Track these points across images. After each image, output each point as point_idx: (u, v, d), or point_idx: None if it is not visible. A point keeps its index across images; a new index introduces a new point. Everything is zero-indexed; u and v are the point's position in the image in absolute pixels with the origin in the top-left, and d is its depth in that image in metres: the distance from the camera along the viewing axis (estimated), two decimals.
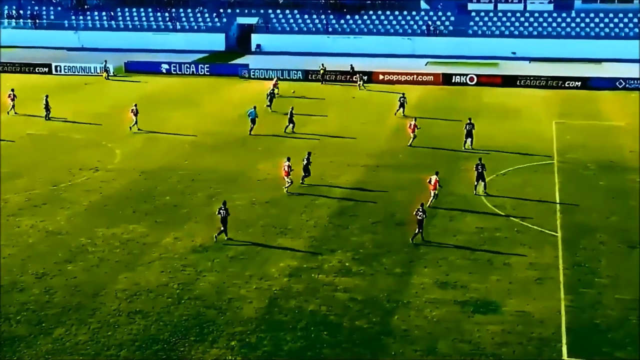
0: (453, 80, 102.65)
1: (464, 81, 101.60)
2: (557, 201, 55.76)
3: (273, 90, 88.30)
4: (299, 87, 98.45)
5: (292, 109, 77.28)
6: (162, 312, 38.63)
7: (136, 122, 74.79)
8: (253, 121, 74.89)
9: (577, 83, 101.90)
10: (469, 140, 68.71)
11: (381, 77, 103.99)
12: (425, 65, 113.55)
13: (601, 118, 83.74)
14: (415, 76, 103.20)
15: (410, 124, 68.44)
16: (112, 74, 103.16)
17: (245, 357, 34.89)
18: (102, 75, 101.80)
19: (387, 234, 49.50)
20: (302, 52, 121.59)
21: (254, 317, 38.28)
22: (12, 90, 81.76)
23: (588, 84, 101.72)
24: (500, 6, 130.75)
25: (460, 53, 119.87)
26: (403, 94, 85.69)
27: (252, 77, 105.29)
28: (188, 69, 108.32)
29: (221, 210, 48.30)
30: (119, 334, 36.40)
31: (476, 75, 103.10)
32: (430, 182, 53.86)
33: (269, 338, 36.49)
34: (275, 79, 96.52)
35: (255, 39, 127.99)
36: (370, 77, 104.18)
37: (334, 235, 49.15)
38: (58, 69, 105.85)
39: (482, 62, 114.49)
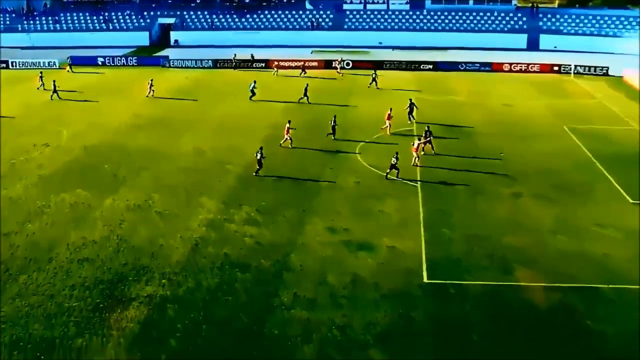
0: (332, 65, 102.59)
1: (343, 66, 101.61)
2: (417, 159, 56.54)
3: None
4: (209, 74, 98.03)
5: (307, 85, 79.54)
6: (106, 259, 38.44)
7: (152, 91, 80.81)
8: (252, 91, 78.97)
9: (429, 66, 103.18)
10: (411, 115, 68.45)
11: (276, 63, 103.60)
12: (311, 53, 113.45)
13: (448, 93, 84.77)
14: (303, 62, 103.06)
15: (388, 113, 65.73)
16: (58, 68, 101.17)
17: (174, 292, 34.97)
18: (64, 69, 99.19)
19: (286, 190, 49.68)
20: (212, 44, 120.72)
21: (180, 261, 38.32)
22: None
23: (438, 66, 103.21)
24: (369, 6, 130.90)
25: (338, 43, 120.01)
26: (375, 70, 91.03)
27: (172, 66, 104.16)
28: (119, 61, 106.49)
29: (257, 154, 52.52)
30: (72, 278, 36.19)
31: (352, 60, 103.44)
32: (413, 144, 54.96)
33: (192, 276, 36.60)
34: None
35: (174, 35, 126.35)
36: (267, 64, 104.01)
37: (242, 192, 49.18)
38: (14, 64, 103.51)
39: (356, 51, 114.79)
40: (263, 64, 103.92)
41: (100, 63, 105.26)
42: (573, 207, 46.93)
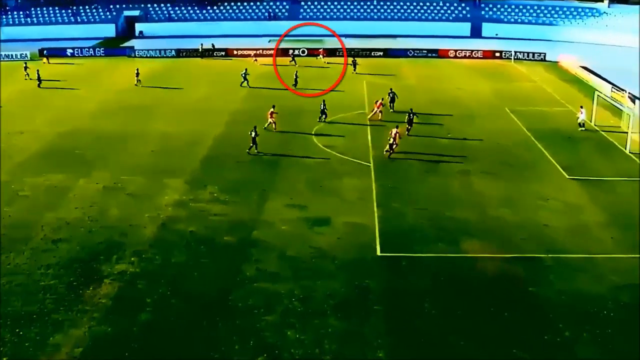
0: (289, 53, 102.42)
1: (298, 53, 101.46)
2: (369, 140, 56.69)
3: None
4: (173, 62, 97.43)
5: (297, 72, 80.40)
6: (79, 239, 38.08)
7: (139, 81, 79.82)
8: (245, 78, 78.74)
9: (380, 53, 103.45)
10: (392, 104, 66.79)
11: (235, 52, 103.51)
12: (268, 42, 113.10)
13: (399, 78, 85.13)
14: (261, 51, 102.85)
15: (377, 101, 64.83)
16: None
17: (143, 269, 34.78)
18: (36, 60, 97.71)
19: (248, 171, 49.60)
20: (175, 35, 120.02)
21: (149, 239, 38.08)
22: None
23: (388, 53, 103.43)
24: None
25: (294, 33, 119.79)
26: (354, 57, 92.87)
27: (137, 56, 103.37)
28: (87, 52, 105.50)
29: (251, 132, 52.71)
30: (47, 257, 35.80)
31: (307, 48, 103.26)
32: (391, 133, 53.66)
33: (160, 254, 36.40)
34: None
35: (139, 26, 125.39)
36: (227, 52, 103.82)
37: (206, 173, 49.03)
38: None
39: (310, 39, 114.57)
40: (223, 53, 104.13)
41: (69, 54, 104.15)
42: (515, 182, 47.44)
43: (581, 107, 61.94)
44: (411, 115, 58.97)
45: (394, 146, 52.32)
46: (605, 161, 52.32)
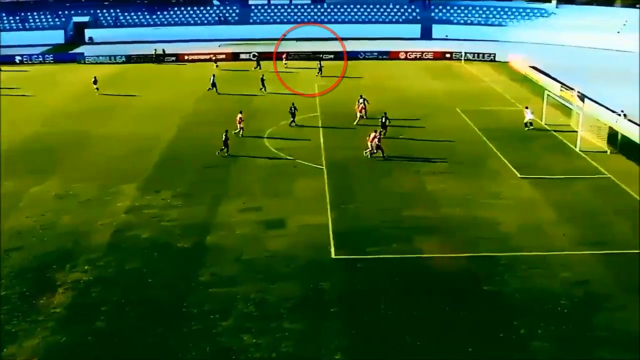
0: (240, 57, 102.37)
1: (249, 57, 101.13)
2: (322, 143, 56.74)
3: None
4: (124, 68, 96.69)
5: (263, 75, 79.91)
6: (31, 248, 37.61)
7: (97, 89, 78.33)
8: (213, 84, 77.70)
9: (331, 55, 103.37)
10: (363, 111, 64.62)
11: (187, 57, 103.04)
12: (219, 46, 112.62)
13: (353, 80, 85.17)
14: (213, 55, 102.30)
15: (359, 106, 64.42)
16: None
17: (97, 276, 34.42)
18: None
19: (199, 175, 49.43)
20: (125, 41, 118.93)
21: (102, 246, 37.69)
22: None
23: (338, 56, 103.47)
24: (273, 1, 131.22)
25: (244, 37, 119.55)
26: (320, 60, 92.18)
27: (87, 62, 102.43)
28: (37, 59, 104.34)
29: (223, 135, 53.44)
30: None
31: (258, 52, 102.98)
32: (369, 136, 53.42)
33: (114, 261, 36.06)
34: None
35: (88, 32, 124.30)
36: (178, 57, 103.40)
37: (159, 178, 48.69)
38: None
39: (261, 43, 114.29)
40: (174, 58, 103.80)
41: (17, 61, 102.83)
42: (468, 182, 47.75)
43: (526, 107, 62.74)
44: (383, 119, 58.96)
45: (380, 151, 52.60)
46: (557, 159, 52.93)
